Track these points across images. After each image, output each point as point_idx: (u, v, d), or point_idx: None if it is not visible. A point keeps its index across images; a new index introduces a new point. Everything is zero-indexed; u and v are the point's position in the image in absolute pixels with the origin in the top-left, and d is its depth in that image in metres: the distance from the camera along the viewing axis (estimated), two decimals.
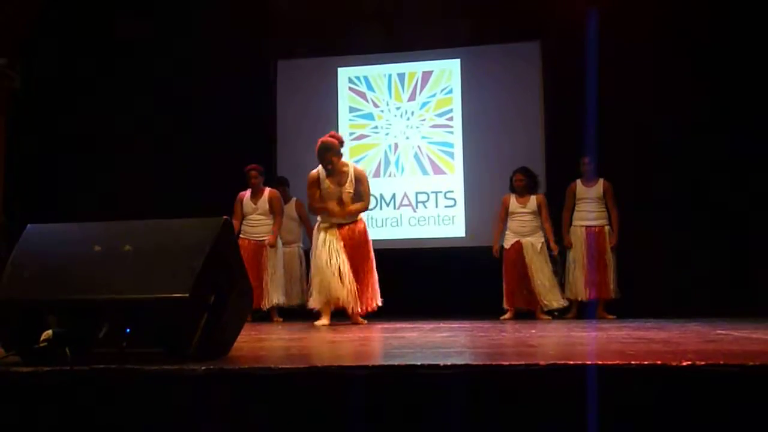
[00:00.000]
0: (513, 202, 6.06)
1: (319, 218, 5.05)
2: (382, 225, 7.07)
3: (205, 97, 6.82)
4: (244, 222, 6.06)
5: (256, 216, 6.08)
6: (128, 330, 1.92)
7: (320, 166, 5.01)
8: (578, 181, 6.09)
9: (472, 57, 7.09)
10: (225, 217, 2.18)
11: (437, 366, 1.69)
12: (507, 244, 5.98)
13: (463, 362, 1.74)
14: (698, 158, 6.22)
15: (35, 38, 6.67)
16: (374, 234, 7.02)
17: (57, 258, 2.08)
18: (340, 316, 4.93)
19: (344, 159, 5.10)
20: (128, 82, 6.88)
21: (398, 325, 4.51)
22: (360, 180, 5.07)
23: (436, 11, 6.77)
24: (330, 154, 4.96)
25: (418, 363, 1.72)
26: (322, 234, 4.98)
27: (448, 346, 2.63)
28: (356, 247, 4.96)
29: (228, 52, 6.89)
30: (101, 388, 1.75)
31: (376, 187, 7.14)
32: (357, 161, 7.19)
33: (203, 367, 1.76)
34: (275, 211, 6.10)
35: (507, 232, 5.99)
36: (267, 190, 6.17)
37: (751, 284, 5.81)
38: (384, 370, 1.72)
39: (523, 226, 5.96)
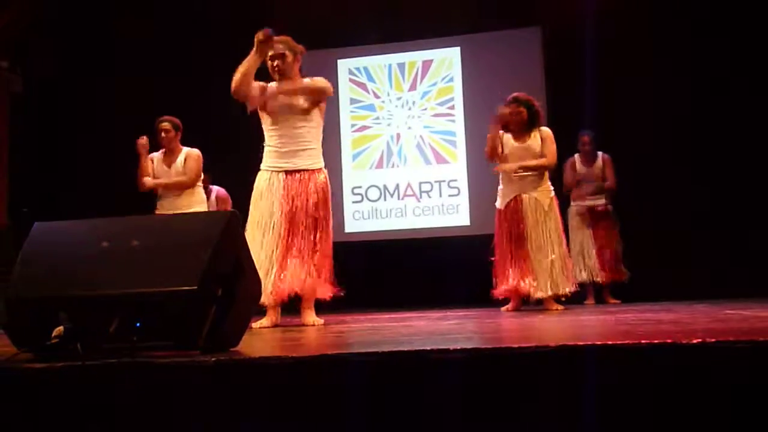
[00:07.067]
0: (509, 142, 4.57)
1: (263, 161, 3.80)
2: (387, 216, 7.07)
3: (205, 95, 6.81)
4: (159, 193, 4.93)
5: (171, 182, 4.87)
6: (138, 324, 1.92)
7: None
8: (577, 158, 5.88)
9: (472, 45, 7.08)
10: (232, 209, 2.19)
11: (447, 350, 1.69)
12: (501, 204, 4.61)
13: (472, 346, 1.74)
14: (701, 138, 6.21)
15: (36, 41, 6.68)
16: (378, 225, 7.06)
17: (65, 255, 2.09)
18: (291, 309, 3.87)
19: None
20: (128, 82, 6.88)
21: (405, 314, 4.52)
22: (315, 80, 3.81)
23: None
24: (282, 45, 3.74)
25: (428, 348, 1.73)
26: (261, 185, 3.70)
27: (456, 332, 2.64)
28: (307, 206, 3.62)
29: (226, 49, 6.87)
30: (113, 381, 1.76)
31: (379, 178, 7.14)
32: (359, 152, 7.20)
33: (213, 359, 1.76)
34: (187, 170, 4.81)
35: (501, 188, 4.68)
36: (185, 148, 4.93)
37: (756, 264, 5.79)
38: (394, 355, 1.72)
39: (522, 177, 4.55)
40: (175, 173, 4.88)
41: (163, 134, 4.89)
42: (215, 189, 5.74)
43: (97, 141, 6.90)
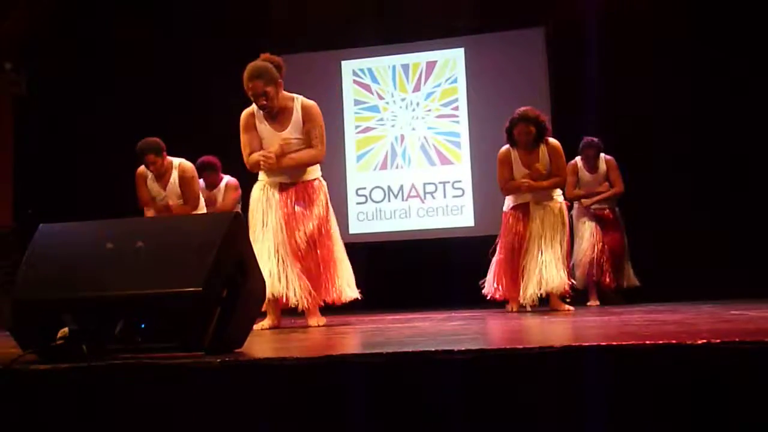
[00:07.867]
0: (516, 159, 4.66)
1: (260, 173, 3.78)
2: (391, 217, 7.08)
3: (208, 96, 6.82)
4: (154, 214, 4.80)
5: (166, 203, 4.76)
6: (143, 325, 1.93)
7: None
8: (579, 163, 5.72)
9: (475, 45, 7.08)
10: (236, 210, 2.19)
11: (452, 351, 1.69)
12: (507, 207, 4.76)
13: (477, 347, 1.74)
14: (703, 138, 6.20)
15: (39, 43, 6.70)
16: (383, 226, 7.06)
17: (70, 256, 2.10)
18: (330, 311, 3.96)
19: (298, 96, 3.76)
20: (129, 83, 6.89)
21: (409, 315, 4.51)
22: (309, 118, 3.67)
23: (438, 0, 6.77)
24: (260, 82, 3.58)
25: (433, 349, 1.73)
26: (257, 194, 3.69)
27: (461, 333, 2.64)
28: (306, 214, 3.61)
29: (230, 49, 6.89)
30: (118, 382, 1.76)
31: (383, 179, 7.13)
32: (363, 154, 7.20)
33: (219, 360, 1.76)
34: (186, 196, 4.71)
35: (509, 198, 4.80)
36: (177, 163, 4.80)
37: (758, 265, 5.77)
38: (399, 357, 1.72)
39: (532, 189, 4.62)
40: (170, 192, 4.79)
41: (152, 168, 4.78)
42: (226, 178, 5.73)
43: (100, 141, 6.91)
